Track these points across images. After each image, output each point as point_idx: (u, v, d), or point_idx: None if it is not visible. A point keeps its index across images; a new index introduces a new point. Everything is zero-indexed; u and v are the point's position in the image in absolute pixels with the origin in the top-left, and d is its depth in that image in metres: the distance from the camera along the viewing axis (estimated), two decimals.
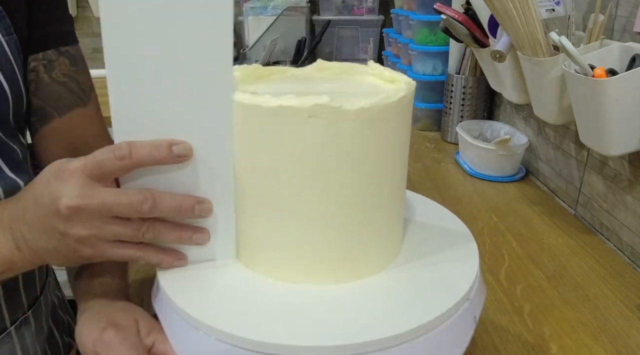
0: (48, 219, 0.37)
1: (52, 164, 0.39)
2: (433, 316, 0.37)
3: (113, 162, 0.36)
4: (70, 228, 0.37)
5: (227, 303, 0.39)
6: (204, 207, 0.40)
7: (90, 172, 0.36)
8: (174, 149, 0.37)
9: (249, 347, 0.35)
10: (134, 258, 0.40)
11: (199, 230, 0.41)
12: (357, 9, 1.73)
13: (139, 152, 0.37)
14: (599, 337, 0.58)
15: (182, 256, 0.42)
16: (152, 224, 0.39)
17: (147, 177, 0.39)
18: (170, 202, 0.38)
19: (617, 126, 0.65)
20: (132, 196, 0.37)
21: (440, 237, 0.48)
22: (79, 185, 0.36)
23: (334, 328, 0.36)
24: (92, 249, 0.39)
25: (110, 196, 0.37)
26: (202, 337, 0.37)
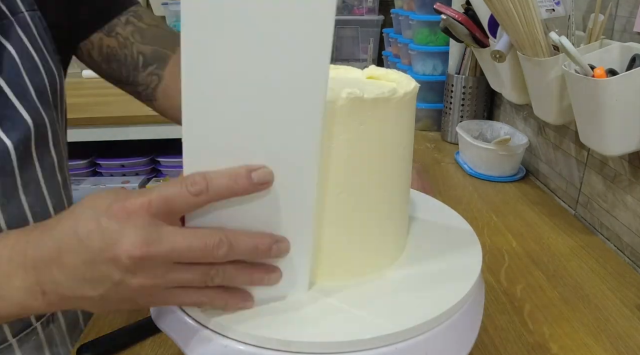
0: (99, 266, 0.31)
1: (97, 197, 0.33)
2: (439, 312, 0.37)
3: (186, 197, 0.31)
4: (130, 278, 0.31)
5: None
6: (281, 247, 0.35)
7: (156, 210, 0.31)
8: (254, 176, 0.32)
9: (254, 343, 0.35)
10: (197, 304, 0.35)
11: (271, 270, 0.36)
12: (357, 9, 1.73)
13: (216, 185, 0.31)
14: (599, 337, 0.58)
15: (248, 297, 0.37)
16: (222, 267, 0.34)
17: (219, 211, 0.34)
18: (247, 244, 0.33)
19: (617, 126, 0.65)
20: (207, 239, 0.32)
21: (443, 235, 0.48)
22: (143, 228, 0.30)
23: (338, 325, 0.36)
24: (151, 297, 0.33)
25: (181, 241, 0.31)
26: (207, 335, 0.37)
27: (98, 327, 0.59)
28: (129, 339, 0.56)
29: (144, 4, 1.89)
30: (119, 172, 1.82)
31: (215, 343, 0.36)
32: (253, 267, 0.35)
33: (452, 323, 0.38)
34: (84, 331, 0.59)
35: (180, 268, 0.32)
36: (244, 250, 0.33)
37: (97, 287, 0.32)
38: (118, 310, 0.35)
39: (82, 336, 0.58)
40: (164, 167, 1.85)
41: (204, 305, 0.35)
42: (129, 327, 0.57)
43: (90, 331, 0.58)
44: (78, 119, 1.57)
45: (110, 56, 0.59)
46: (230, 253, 0.33)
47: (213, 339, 0.36)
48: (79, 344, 0.56)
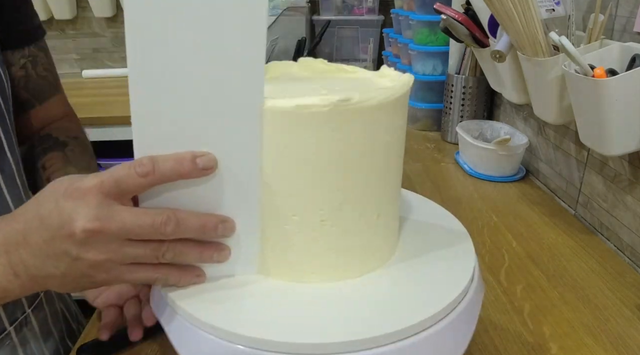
0: (58, 242, 0.34)
1: (58, 181, 0.35)
2: (432, 312, 0.37)
3: (135, 178, 0.33)
4: (85, 252, 0.34)
5: (226, 301, 0.39)
6: (227, 226, 0.38)
7: (108, 191, 0.33)
8: (198, 161, 0.35)
9: (248, 345, 0.35)
10: (151, 280, 0.37)
11: (220, 247, 0.39)
12: (357, 9, 1.73)
13: (162, 167, 0.34)
14: (599, 337, 0.58)
15: (200, 273, 0.39)
16: (172, 244, 0.36)
17: (168, 192, 0.36)
18: (193, 223, 0.36)
19: (617, 126, 0.65)
20: (155, 217, 0.34)
21: (436, 235, 0.48)
22: (95, 206, 0.33)
23: (332, 326, 0.36)
24: (107, 273, 0.36)
25: (131, 217, 0.34)
26: (202, 335, 0.37)
27: (98, 327, 0.59)
28: (128, 339, 0.56)
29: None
30: None
31: (212, 345, 0.36)
32: (203, 245, 0.38)
33: (446, 324, 0.38)
34: (84, 331, 0.59)
35: (132, 244, 0.35)
36: (190, 228, 0.36)
37: (59, 264, 0.35)
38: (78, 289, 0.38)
39: (82, 336, 0.58)
40: None
41: (158, 281, 0.38)
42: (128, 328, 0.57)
43: (90, 331, 0.58)
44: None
45: None
46: (177, 230, 0.35)
47: (210, 340, 0.36)
48: (79, 344, 0.56)
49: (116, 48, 1.89)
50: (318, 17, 1.72)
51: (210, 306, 0.38)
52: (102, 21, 1.86)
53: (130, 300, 0.53)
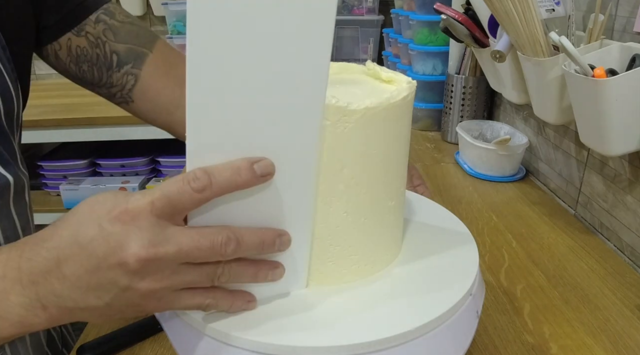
0: (104, 272, 0.30)
1: (96, 201, 0.32)
2: (436, 314, 0.37)
3: (190, 194, 0.30)
4: (137, 282, 0.30)
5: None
6: (284, 240, 0.35)
7: (160, 211, 0.30)
8: (256, 168, 0.32)
9: (249, 348, 0.35)
10: (202, 307, 0.35)
11: (274, 265, 0.36)
12: (357, 9, 1.73)
13: (219, 179, 0.31)
14: (599, 337, 0.58)
15: (251, 298, 0.37)
16: (228, 265, 0.34)
17: (220, 206, 0.34)
18: (253, 240, 0.33)
19: (617, 126, 0.65)
20: (214, 238, 0.31)
21: (440, 237, 0.48)
22: (148, 230, 0.30)
23: (336, 328, 0.36)
24: (158, 302, 0.32)
25: (187, 240, 0.31)
26: (204, 339, 0.37)
27: (98, 327, 0.59)
28: (129, 339, 0.56)
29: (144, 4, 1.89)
30: (119, 172, 1.82)
31: (221, 351, 0.36)
32: (258, 264, 0.35)
33: (447, 326, 0.38)
34: (84, 331, 0.59)
35: (188, 268, 0.32)
36: (250, 246, 0.33)
37: (103, 295, 0.31)
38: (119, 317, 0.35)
39: (82, 336, 0.58)
40: (163, 167, 1.85)
41: (210, 307, 0.35)
42: (129, 327, 0.57)
43: (90, 331, 0.58)
44: (78, 119, 1.58)
45: (80, 57, 0.55)
46: (238, 250, 0.32)
47: (218, 348, 0.36)
48: (79, 344, 0.56)
49: None
50: None
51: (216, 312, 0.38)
52: None
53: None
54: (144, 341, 0.56)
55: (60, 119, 1.57)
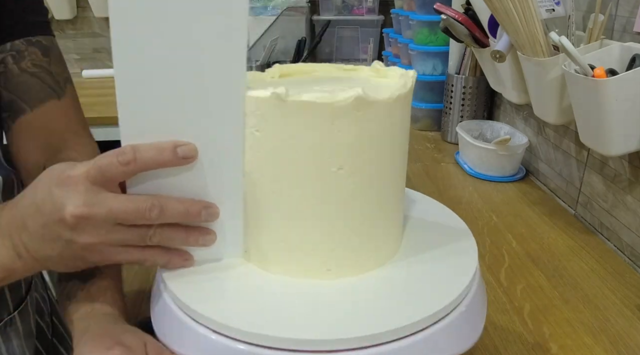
0: (52, 226, 0.36)
1: (51, 169, 0.38)
2: (432, 311, 0.37)
3: (117, 167, 0.35)
4: (77, 236, 0.36)
5: (229, 298, 0.39)
6: (210, 212, 0.39)
7: (94, 179, 0.36)
8: (179, 150, 0.36)
9: (246, 340, 0.35)
10: (141, 261, 0.39)
11: (206, 231, 0.40)
12: (357, 9, 1.73)
13: (144, 156, 0.36)
14: (599, 337, 0.58)
15: (188, 256, 0.41)
16: (159, 228, 0.38)
17: (154, 180, 0.38)
18: (177, 208, 0.38)
19: (617, 126, 0.65)
20: (140, 203, 0.36)
21: (439, 233, 0.48)
22: (83, 193, 0.35)
23: (332, 322, 0.36)
24: (99, 255, 0.38)
25: (116, 204, 0.36)
26: (202, 330, 0.37)
27: None
28: None
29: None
30: None
31: (210, 341, 0.36)
32: (188, 229, 0.40)
33: (447, 323, 0.38)
34: None
35: (121, 228, 0.37)
36: (175, 213, 0.38)
37: (54, 246, 0.37)
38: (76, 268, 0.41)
39: None
40: None
41: (147, 262, 0.40)
42: None
43: None
44: None
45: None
46: (162, 216, 0.37)
47: (208, 337, 0.36)
48: None
49: None
50: (318, 17, 1.72)
51: (211, 302, 0.38)
52: (102, 21, 1.86)
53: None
54: None
55: None
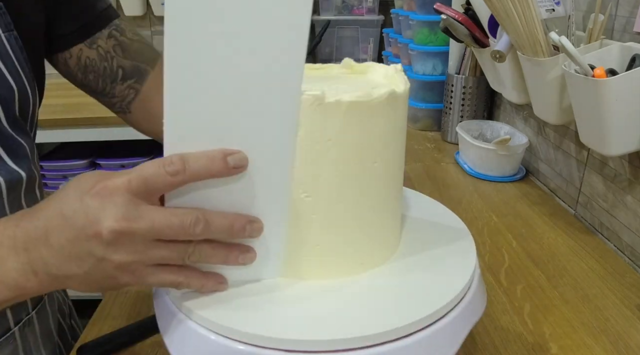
0: (83, 242, 0.33)
1: (83, 177, 0.35)
2: (431, 310, 0.37)
3: (164, 178, 0.33)
4: (111, 253, 0.33)
5: (227, 299, 0.39)
6: (255, 227, 0.37)
7: (136, 190, 0.33)
8: (229, 160, 0.34)
9: (246, 341, 0.35)
10: (174, 283, 0.37)
11: (245, 249, 0.38)
12: (357, 9, 1.73)
13: (193, 166, 0.33)
14: (599, 337, 0.58)
15: (223, 280, 0.39)
16: (199, 245, 0.36)
17: (196, 192, 0.36)
18: (222, 223, 0.35)
19: (617, 126, 0.65)
20: (184, 217, 0.33)
21: (438, 233, 0.48)
22: (123, 205, 0.32)
23: (329, 322, 0.36)
24: (132, 275, 0.35)
25: (160, 218, 0.33)
26: (203, 334, 0.37)
27: (98, 327, 0.59)
28: (129, 339, 0.56)
29: (145, 4, 1.90)
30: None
31: (211, 342, 0.36)
32: (229, 247, 0.37)
33: (446, 322, 0.38)
34: (84, 331, 0.59)
35: (159, 245, 0.34)
36: (219, 228, 0.35)
37: (82, 264, 0.34)
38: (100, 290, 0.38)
39: (82, 336, 0.58)
40: None
41: (181, 285, 0.37)
42: (129, 327, 0.57)
43: (90, 331, 0.58)
44: (78, 119, 1.57)
45: (88, 67, 0.58)
46: (206, 231, 0.34)
47: (209, 338, 0.36)
48: (79, 344, 0.56)
49: None
50: (318, 17, 1.72)
51: (212, 303, 0.38)
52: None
53: None
54: (144, 341, 0.56)
55: (60, 119, 1.57)
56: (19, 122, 0.51)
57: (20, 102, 0.50)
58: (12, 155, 0.50)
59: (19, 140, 0.51)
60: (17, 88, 0.49)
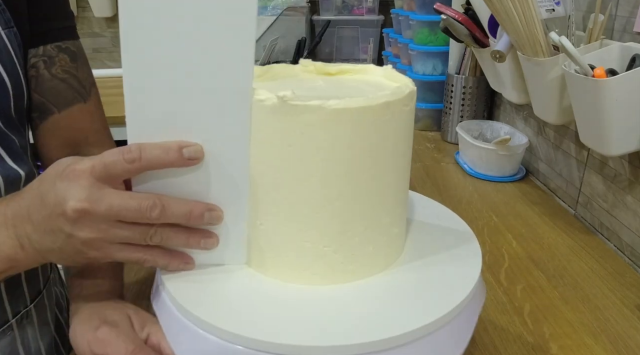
0: (54, 219, 0.37)
1: (58, 163, 0.38)
2: (436, 317, 0.37)
3: (122, 164, 0.36)
4: (77, 230, 0.37)
5: (229, 302, 0.39)
6: (213, 215, 0.39)
7: (98, 174, 0.36)
8: (185, 151, 0.36)
9: (249, 346, 0.35)
10: (140, 261, 0.40)
11: (207, 234, 0.40)
12: (357, 9, 1.73)
13: (149, 155, 0.36)
14: (599, 337, 0.58)
15: (189, 260, 0.41)
16: (160, 228, 0.38)
17: (159, 180, 0.38)
18: (180, 209, 0.38)
19: (617, 126, 0.65)
20: (141, 201, 0.36)
21: (443, 237, 0.48)
22: (86, 187, 0.35)
23: (335, 328, 0.36)
24: (99, 251, 0.38)
25: (118, 200, 0.36)
26: (203, 336, 0.37)
27: None
28: None
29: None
30: None
31: (212, 344, 0.36)
32: (190, 231, 0.40)
33: (447, 329, 0.38)
34: None
35: (121, 226, 0.37)
36: (176, 214, 0.38)
37: (55, 239, 0.38)
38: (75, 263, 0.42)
39: None
40: None
41: (147, 262, 0.40)
42: None
43: None
44: None
45: None
46: (163, 215, 0.37)
47: (210, 341, 0.36)
48: None
49: (116, 48, 1.89)
50: (318, 17, 1.72)
51: (213, 307, 0.38)
52: (102, 21, 1.86)
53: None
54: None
55: None
56: (13, 121, 0.51)
57: (15, 100, 0.51)
58: (10, 153, 0.51)
59: (12, 138, 0.51)
60: (13, 86, 0.50)
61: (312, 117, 0.36)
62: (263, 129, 0.38)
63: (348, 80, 0.48)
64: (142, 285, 0.66)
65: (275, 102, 0.36)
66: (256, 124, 0.38)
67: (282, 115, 0.36)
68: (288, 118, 0.37)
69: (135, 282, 0.66)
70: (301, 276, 0.41)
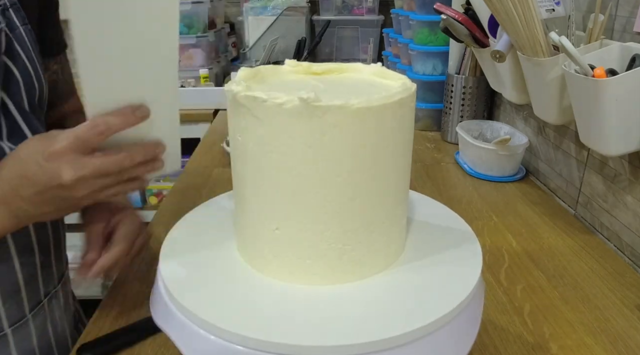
0: (49, 192, 0.45)
1: (28, 145, 0.46)
2: (436, 317, 0.37)
3: (95, 137, 0.45)
4: (75, 193, 0.46)
5: (229, 302, 0.39)
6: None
7: (77, 148, 0.45)
8: (137, 113, 0.46)
9: (249, 346, 0.35)
10: (120, 193, 0.50)
11: (159, 163, 0.51)
12: (357, 9, 1.73)
13: (114, 125, 0.45)
14: (599, 337, 0.58)
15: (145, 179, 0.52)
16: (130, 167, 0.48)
17: None
18: (139, 153, 0.47)
19: (617, 126, 0.65)
20: (116, 158, 0.46)
21: (443, 237, 0.48)
22: (72, 161, 0.45)
23: (335, 328, 0.36)
24: (89, 199, 0.48)
25: (99, 162, 0.45)
26: (203, 336, 0.37)
27: (98, 327, 0.59)
28: (129, 339, 0.56)
29: None
30: None
31: (214, 345, 0.36)
32: (147, 163, 0.50)
33: (448, 328, 0.38)
34: (84, 331, 0.59)
35: (104, 177, 0.47)
36: (138, 157, 0.48)
37: (52, 204, 0.48)
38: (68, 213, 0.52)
39: (82, 336, 0.58)
40: None
41: (125, 192, 0.51)
42: (129, 327, 0.58)
43: (90, 331, 0.58)
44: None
45: None
46: (132, 161, 0.47)
47: (213, 341, 0.36)
48: (79, 344, 0.56)
49: None
50: (318, 17, 1.72)
51: (213, 306, 0.38)
52: None
53: None
54: (144, 341, 0.56)
55: None
56: (37, 111, 0.59)
57: (39, 94, 0.59)
58: None
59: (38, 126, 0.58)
60: (36, 79, 0.58)
61: (336, 117, 0.36)
62: (281, 134, 0.37)
63: (342, 80, 0.48)
64: (142, 285, 0.66)
65: (297, 104, 0.36)
66: (272, 130, 0.37)
67: (304, 117, 0.36)
68: (310, 120, 0.36)
69: (136, 282, 0.66)
70: (301, 276, 0.41)
